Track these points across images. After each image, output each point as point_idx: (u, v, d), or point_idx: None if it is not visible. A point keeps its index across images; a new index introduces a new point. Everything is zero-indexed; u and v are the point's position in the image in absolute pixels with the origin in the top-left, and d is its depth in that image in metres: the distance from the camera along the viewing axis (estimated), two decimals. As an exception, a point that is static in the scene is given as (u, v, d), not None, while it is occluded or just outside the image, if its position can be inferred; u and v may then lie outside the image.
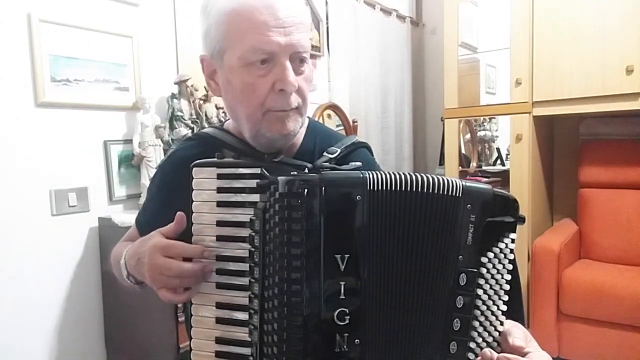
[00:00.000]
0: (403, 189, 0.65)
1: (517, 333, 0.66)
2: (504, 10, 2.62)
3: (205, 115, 2.17)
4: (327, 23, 2.86)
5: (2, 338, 1.67)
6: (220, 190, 0.73)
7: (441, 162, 3.30)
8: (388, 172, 0.66)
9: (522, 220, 0.68)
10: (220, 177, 0.73)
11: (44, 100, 1.75)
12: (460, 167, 2.91)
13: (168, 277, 0.70)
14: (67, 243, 1.84)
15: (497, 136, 3.27)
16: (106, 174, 1.96)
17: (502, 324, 0.67)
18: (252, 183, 0.71)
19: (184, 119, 2.07)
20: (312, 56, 2.73)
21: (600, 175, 2.59)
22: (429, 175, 0.67)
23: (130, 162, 2.01)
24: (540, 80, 2.52)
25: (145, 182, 1.96)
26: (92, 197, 1.91)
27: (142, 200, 1.97)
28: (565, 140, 2.94)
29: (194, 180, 0.74)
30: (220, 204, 0.73)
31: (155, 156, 1.98)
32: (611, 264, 2.42)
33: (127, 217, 1.79)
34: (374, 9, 3.19)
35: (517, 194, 2.56)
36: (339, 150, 0.85)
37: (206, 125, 2.14)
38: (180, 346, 1.70)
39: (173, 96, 2.08)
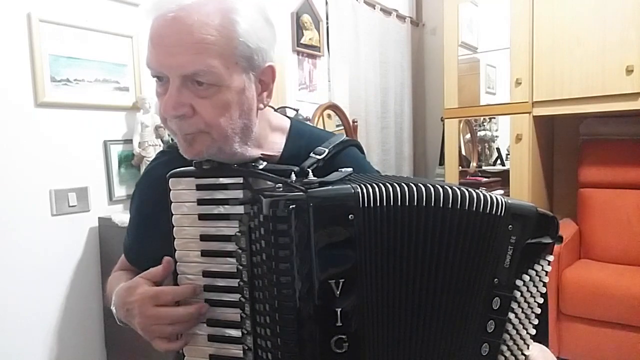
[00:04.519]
0: (405, 203, 0.60)
1: None
2: (504, 10, 2.63)
3: (205, 115, 2.16)
4: (327, 23, 2.85)
5: (2, 338, 1.67)
6: (200, 202, 0.67)
7: (441, 162, 3.29)
8: (391, 183, 0.60)
9: (560, 240, 0.65)
10: (199, 187, 0.67)
11: (44, 100, 1.75)
12: (460, 167, 2.91)
13: (162, 326, 0.67)
14: (67, 243, 1.84)
15: (497, 136, 3.26)
16: (106, 174, 1.96)
17: (528, 347, 0.65)
18: (235, 194, 0.66)
19: (184, 119, 2.07)
20: (312, 56, 2.74)
21: (600, 175, 2.59)
22: (463, 189, 0.61)
23: (130, 162, 2.01)
24: (540, 80, 2.52)
25: (145, 182, 1.96)
26: (92, 197, 1.91)
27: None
28: (565, 140, 2.94)
29: (171, 192, 0.68)
30: (202, 216, 0.67)
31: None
32: (611, 264, 2.42)
33: (127, 217, 1.78)
34: (374, 9, 3.19)
35: (517, 194, 2.56)
36: (326, 151, 0.79)
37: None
38: (180, 346, 1.69)
39: (173, 96, 2.07)
